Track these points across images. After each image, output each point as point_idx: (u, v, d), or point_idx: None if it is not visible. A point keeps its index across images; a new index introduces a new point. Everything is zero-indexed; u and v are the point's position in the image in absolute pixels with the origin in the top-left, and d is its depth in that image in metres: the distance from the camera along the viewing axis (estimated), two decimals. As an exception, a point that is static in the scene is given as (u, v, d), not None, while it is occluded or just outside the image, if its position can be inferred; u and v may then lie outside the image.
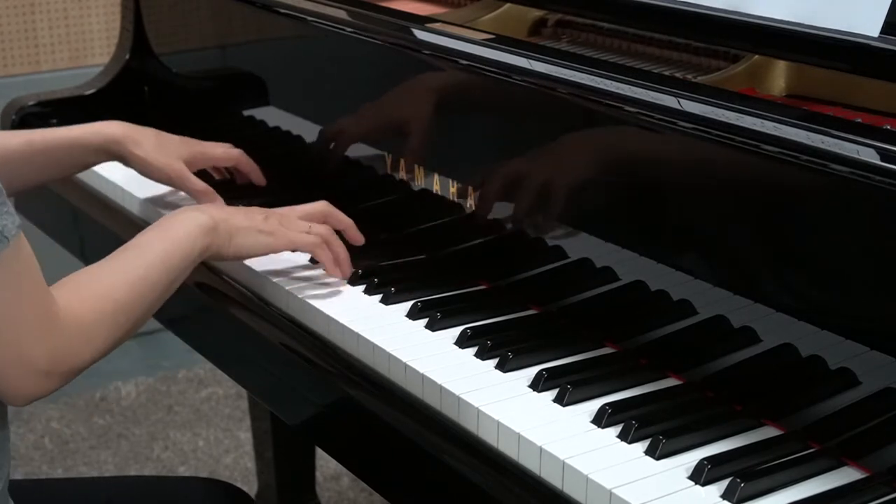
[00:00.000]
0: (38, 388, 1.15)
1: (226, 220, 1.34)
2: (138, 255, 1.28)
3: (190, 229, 1.31)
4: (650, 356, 1.22)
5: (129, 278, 1.24)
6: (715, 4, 1.29)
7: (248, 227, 1.36)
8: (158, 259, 1.27)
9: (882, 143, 1.03)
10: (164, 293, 1.28)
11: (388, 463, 1.23)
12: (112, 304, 1.22)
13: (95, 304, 1.20)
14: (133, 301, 1.24)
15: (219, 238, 1.33)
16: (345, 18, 1.60)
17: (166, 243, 1.29)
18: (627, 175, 1.27)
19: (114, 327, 1.22)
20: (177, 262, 1.29)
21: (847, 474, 1.04)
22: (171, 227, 1.32)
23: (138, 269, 1.26)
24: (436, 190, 1.47)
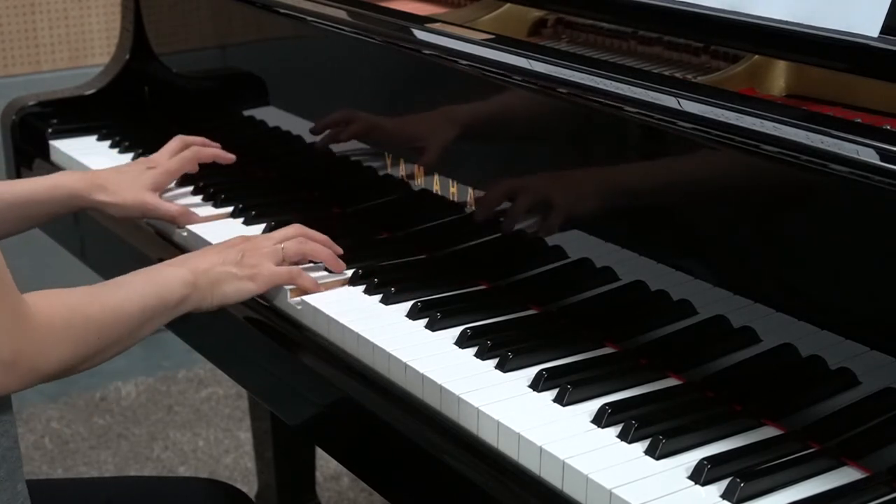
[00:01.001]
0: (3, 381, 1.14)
1: (206, 274, 1.36)
2: (117, 286, 1.31)
3: (170, 280, 1.34)
4: (650, 356, 1.22)
5: (104, 301, 1.26)
6: (715, 4, 1.29)
7: (226, 278, 1.37)
8: (137, 295, 1.29)
9: (882, 143, 1.04)
10: (137, 328, 1.29)
11: (388, 463, 1.23)
12: (83, 318, 1.22)
13: (66, 313, 1.21)
14: (105, 322, 1.25)
15: (199, 292, 1.35)
16: (345, 18, 1.60)
17: (147, 285, 1.32)
18: (627, 175, 1.27)
19: (82, 340, 1.22)
20: (153, 303, 1.30)
21: (847, 474, 1.04)
22: (154, 272, 1.35)
23: (115, 296, 1.28)
24: (436, 190, 1.47)
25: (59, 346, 1.19)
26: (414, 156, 1.50)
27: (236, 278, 1.38)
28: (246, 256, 1.39)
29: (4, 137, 2.06)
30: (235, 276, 1.38)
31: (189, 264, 1.37)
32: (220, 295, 1.37)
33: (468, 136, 1.44)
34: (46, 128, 2.00)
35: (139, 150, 1.89)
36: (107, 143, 1.96)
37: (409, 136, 1.52)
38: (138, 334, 1.30)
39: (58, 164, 1.95)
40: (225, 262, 1.38)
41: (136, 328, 1.29)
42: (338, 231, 1.48)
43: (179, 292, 1.33)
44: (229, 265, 1.38)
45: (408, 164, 1.51)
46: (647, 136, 1.22)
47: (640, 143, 1.24)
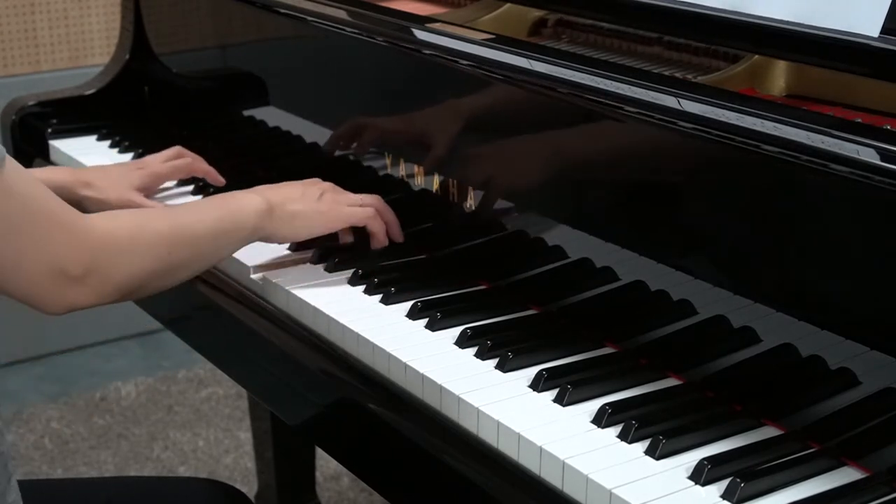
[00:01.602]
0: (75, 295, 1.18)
1: (282, 206, 1.38)
2: (191, 211, 1.34)
3: (245, 208, 1.35)
4: (650, 356, 1.22)
5: (174, 219, 1.29)
6: (715, 4, 1.29)
7: (303, 211, 1.40)
8: (210, 219, 1.32)
9: (882, 143, 1.04)
10: (208, 252, 1.31)
11: (388, 463, 1.23)
12: (152, 232, 1.25)
13: (132, 227, 1.23)
14: (176, 239, 1.27)
15: (273, 223, 1.37)
16: (345, 18, 1.60)
17: (221, 210, 1.34)
18: (627, 175, 1.27)
19: (152, 254, 1.24)
20: (226, 228, 1.32)
21: (847, 474, 1.04)
22: (229, 198, 1.38)
23: (187, 218, 1.31)
24: (436, 190, 1.47)
25: (127, 259, 1.21)
26: (418, 156, 1.50)
27: (313, 212, 1.40)
28: (326, 195, 1.42)
29: (4, 137, 2.06)
30: (313, 209, 1.40)
31: (266, 194, 1.38)
32: (293, 228, 1.39)
33: (469, 136, 1.44)
34: (46, 128, 2.00)
35: (139, 150, 1.89)
36: (107, 143, 1.96)
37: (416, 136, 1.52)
38: (210, 257, 1.33)
39: (58, 164, 1.95)
40: (304, 197, 1.40)
41: (208, 250, 1.31)
42: (338, 231, 1.48)
43: (253, 221, 1.35)
44: (308, 199, 1.40)
45: (408, 164, 1.51)
46: (647, 136, 1.22)
47: (640, 142, 1.24)
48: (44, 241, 1.15)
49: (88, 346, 3.26)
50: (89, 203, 1.59)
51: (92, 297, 1.19)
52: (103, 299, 1.21)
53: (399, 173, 1.52)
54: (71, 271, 1.17)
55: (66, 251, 1.16)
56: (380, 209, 1.46)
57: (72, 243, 1.17)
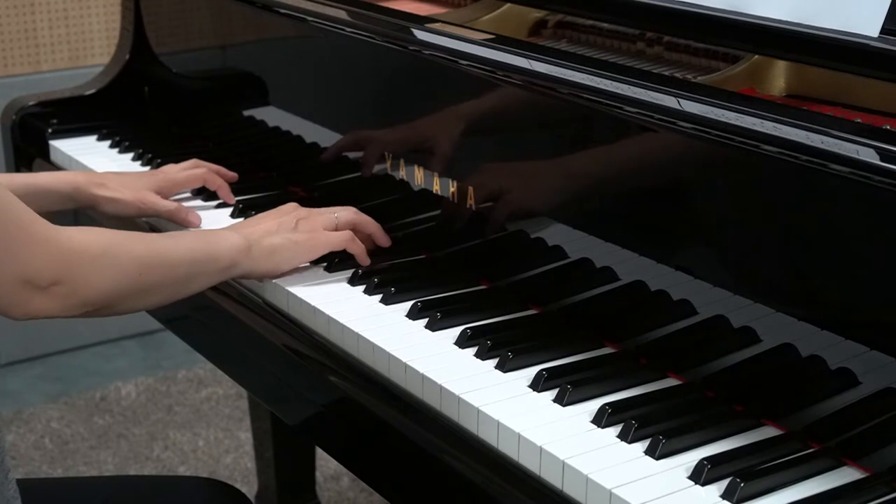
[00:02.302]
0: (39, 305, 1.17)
1: (259, 242, 1.37)
2: (166, 235, 1.34)
3: (222, 244, 1.34)
4: (650, 356, 1.22)
5: (149, 243, 1.29)
6: (715, 4, 1.29)
7: (281, 244, 1.38)
8: (185, 247, 1.31)
9: (882, 143, 1.04)
10: (181, 280, 1.30)
11: (388, 463, 1.23)
12: (125, 251, 1.24)
13: (105, 244, 1.23)
14: (150, 262, 1.26)
15: (251, 259, 1.36)
16: (345, 18, 1.60)
17: (198, 241, 1.34)
18: (627, 175, 1.27)
19: (123, 273, 1.24)
20: (202, 259, 1.32)
21: (847, 474, 1.04)
22: (207, 232, 1.39)
23: (162, 241, 1.31)
24: (436, 190, 1.47)
25: (97, 273, 1.21)
26: (418, 156, 1.50)
27: (292, 244, 1.39)
28: (301, 223, 1.41)
29: (4, 137, 2.06)
30: (291, 241, 1.39)
31: (243, 231, 1.38)
32: (274, 263, 1.38)
33: (469, 137, 1.44)
34: (46, 128, 2.00)
35: (139, 150, 1.89)
36: (107, 143, 1.96)
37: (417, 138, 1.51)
38: (183, 285, 1.31)
39: (58, 164, 1.95)
40: (280, 229, 1.40)
41: (181, 278, 1.30)
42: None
43: (230, 256, 1.34)
44: (284, 230, 1.39)
45: (408, 164, 1.51)
46: (646, 136, 1.22)
47: (639, 143, 1.24)
48: (11, 251, 1.14)
49: (88, 346, 3.26)
50: (104, 202, 1.59)
51: (56, 309, 1.19)
52: (68, 312, 1.20)
53: (399, 173, 1.52)
54: (38, 281, 1.16)
55: (34, 261, 1.16)
56: (358, 223, 1.44)
57: (41, 253, 1.16)
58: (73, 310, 1.20)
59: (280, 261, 1.39)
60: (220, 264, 1.34)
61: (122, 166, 1.85)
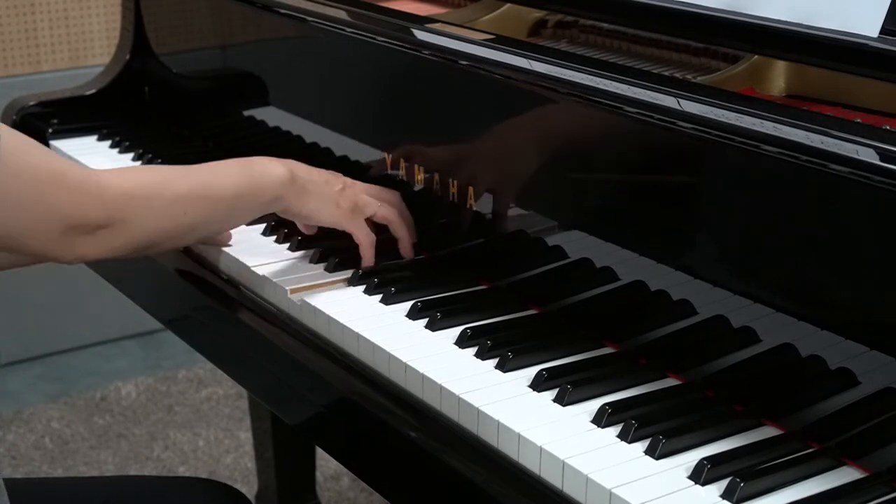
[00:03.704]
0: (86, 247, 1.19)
1: (303, 178, 1.36)
2: (211, 171, 1.31)
3: (268, 174, 1.34)
4: (650, 356, 1.22)
5: (193, 180, 1.28)
6: (715, 4, 1.29)
7: (322, 194, 1.38)
8: (230, 182, 1.30)
9: (882, 143, 1.04)
10: (226, 216, 1.32)
11: (388, 463, 1.23)
12: (170, 191, 1.24)
13: (149, 184, 1.23)
14: (193, 200, 1.27)
15: (292, 193, 1.35)
16: (345, 18, 1.60)
17: (243, 174, 1.32)
18: (627, 175, 1.27)
19: (167, 211, 1.24)
20: (246, 195, 1.31)
21: (847, 474, 1.04)
22: (251, 164, 1.35)
23: (206, 178, 1.29)
24: (436, 190, 1.47)
25: (142, 216, 1.22)
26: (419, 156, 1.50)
27: (330, 199, 1.38)
28: (346, 191, 1.40)
29: (4, 137, 2.06)
30: (330, 197, 1.38)
31: (290, 166, 1.37)
32: (309, 208, 1.38)
33: (470, 136, 1.44)
34: (46, 128, 2.00)
35: (139, 150, 1.89)
36: (107, 143, 1.96)
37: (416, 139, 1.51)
38: (228, 220, 1.33)
39: (58, 164, 1.95)
40: (327, 182, 1.39)
41: (225, 214, 1.31)
42: (337, 231, 1.48)
43: (274, 190, 1.33)
44: (329, 186, 1.39)
45: (408, 164, 1.51)
46: (646, 136, 1.22)
47: (639, 143, 1.24)
48: (56, 203, 1.16)
49: (88, 346, 3.26)
50: None
51: (104, 251, 1.20)
52: (116, 253, 1.21)
53: (399, 173, 1.52)
54: (85, 226, 1.18)
55: (78, 208, 1.17)
56: (393, 224, 1.44)
57: (84, 202, 1.17)
58: (118, 252, 1.22)
59: (314, 207, 1.38)
60: (265, 197, 1.33)
61: (123, 166, 1.85)
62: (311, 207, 1.38)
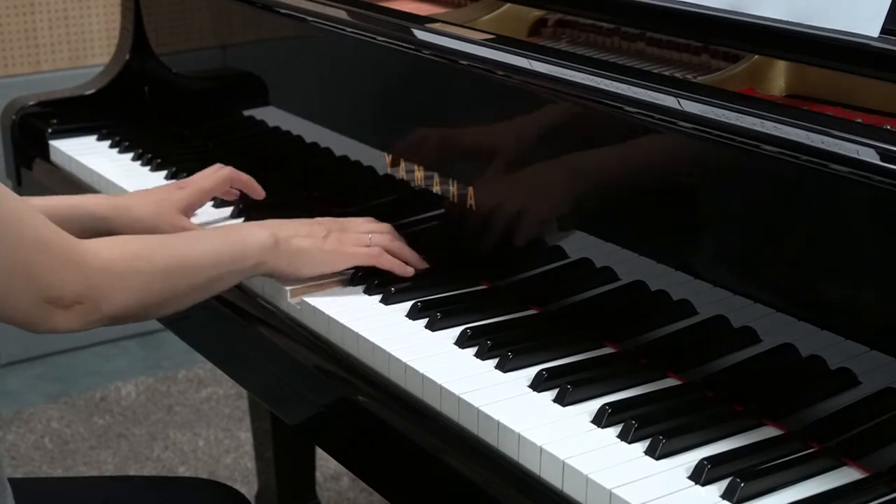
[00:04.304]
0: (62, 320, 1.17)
1: (287, 241, 1.35)
2: (191, 240, 1.31)
3: (249, 241, 1.33)
4: (650, 356, 1.22)
5: (174, 251, 1.27)
6: (715, 4, 1.29)
7: (308, 249, 1.36)
8: (211, 250, 1.29)
9: (882, 143, 1.03)
10: (207, 285, 1.29)
11: (388, 463, 1.23)
12: (150, 264, 1.23)
13: (130, 257, 1.22)
14: (173, 271, 1.25)
15: (277, 258, 1.34)
16: (345, 18, 1.60)
17: (222, 242, 1.32)
18: (627, 175, 1.27)
19: (147, 285, 1.23)
20: (226, 263, 1.30)
21: (847, 474, 1.04)
22: (232, 232, 1.35)
23: (186, 248, 1.28)
24: (436, 190, 1.47)
25: (120, 287, 1.20)
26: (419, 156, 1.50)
27: (318, 251, 1.37)
28: (332, 235, 1.39)
29: (4, 137, 2.06)
30: (318, 248, 1.37)
31: (272, 228, 1.35)
32: (297, 266, 1.36)
33: (470, 137, 1.44)
34: (46, 128, 2.00)
35: (139, 150, 1.89)
36: (107, 142, 1.96)
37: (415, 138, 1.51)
38: (208, 290, 1.30)
39: (58, 164, 1.95)
40: (310, 234, 1.37)
41: (206, 283, 1.29)
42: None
43: (256, 256, 1.32)
44: (314, 237, 1.37)
45: (407, 164, 1.51)
46: (647, 136, 1.22)
47: (639, 142, 1.24)
48: (33, 271, 1.14)
49: (88, 346, 3.26)
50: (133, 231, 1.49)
51: (79, 325, 1.19)
52: (90, 326, 1.20)
53: (399, 173, 1.52)
54: (62, 299, 1.16)
55: (59, 281, 1.15)
56: (392, 249, 1.41)
57: (64, 273, 1.16)
58: (95, 324, 1.20)
59: (302, 265, 1.36)
60: (246, 263, 1.32)
61: (122, 166, 1.85)
62: (300, 265, 1.36)
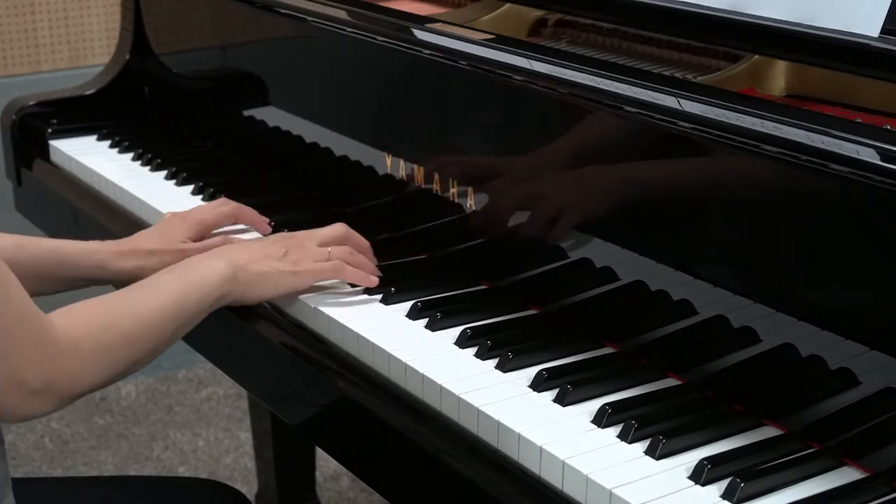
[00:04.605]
0: (31, 407, 1.14)
1: (245, 269, 1.32)
2: (152, 293, 1.27)
3: (208, 276, 1.30)
4: (650, 356, 1.22)
5: (138, 312, 1.23)
6: (715, 4, 1.29)
7: (268, 272, 1.34)
8: (171, 299, 1.26)
9: (882, 143, 1.03)
10: (173, 335, 1.27)
11: (388, 463, 1.23)
12: (116, 335, 1.21)
13: (96, 332, 1.19)
14: (139, 335, 1.23)
15: (238, 286, 1.32)
16: (345, 18, 1.60)
17: (182, 286, 1.28)
18: (627, 175, 1.27)
19: (114, 358, 1.21)
20: (190, 306, 1.28)
21: (847, 474, 1.04)
22: (189, 270, 1.31)
23: (149, 304, 1.25)
24: (436, 190, 1.47)
25: (89, 368, 1.18)
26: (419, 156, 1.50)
27: (278, 273, 1.34)
28: (290, 252, 1.36)
29: (4, 137, 2.06)
30: (277, 270, 1.34)
31: (228, 256, 1.33)
32: (260, 290, 1.34)
33: (470, 136, 1.44)
34: (46, 128, 2.00)
35: (139, 150, 1.89)
36: (107, 142, 1.96)
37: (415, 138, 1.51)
38: (174, 337, 1.28)
39: (58, 164, 1.95)
40: (267, 256, 1.34)
41: (171, 333, 1.27)
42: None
43: (217, 290, 1.30)
44: (271, 259, 1.34)
45: (408, 164, 1.51)
46: (646, 136, 1.22)
47: (639, 143, 1.24)
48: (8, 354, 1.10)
49: (88, 346, 3.25)
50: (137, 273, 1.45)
51: (50, 409, 1.15)
52: (59, 408, 1.17)
53: (399, 173, 1.52)
54: (31, 384, 1.12)
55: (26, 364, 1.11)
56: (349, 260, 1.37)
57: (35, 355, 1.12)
58: (64, 405, 1.17)
59: (264, 289, 1.34)
60: (209, 301, 1.29)
61: (122, 166, 1.85)
62: (262, 290, 1.34)
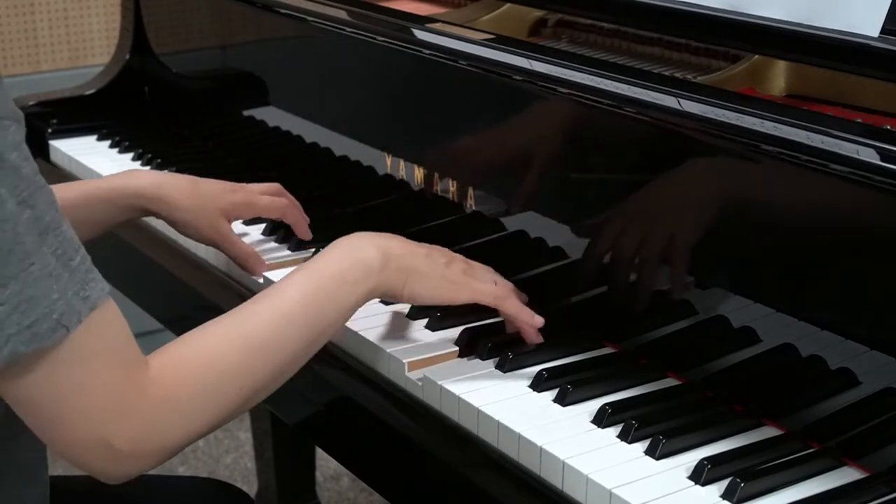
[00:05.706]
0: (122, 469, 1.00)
1: (399, 259, 1.16)
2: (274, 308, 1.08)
3: (356, 269, 1.13)
4: (650, 356, 1.22)
5: (248, 342, 1.05)
6: (715, 4, 1.29)
7: (427, 273, 1.18)
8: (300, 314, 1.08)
9: (882, 143, 1.04)
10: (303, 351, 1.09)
11: (388, 463, 1.23)
12: (217, 374, 1.03)
13: (195, 377, 1.02)
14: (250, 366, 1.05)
15: (390, 279, 1.15)
16: (345, 18, 1.60)
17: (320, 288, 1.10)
18: (628, 175, 1.27)
19: (217, 400, 1.03)
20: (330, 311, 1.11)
21: (847, 474, 1.04)
22: (325, 263, 1.13)
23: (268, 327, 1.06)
24: (436, 190, 1.47)
25: (187, 421, 1.01)
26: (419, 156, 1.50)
27: (438, 277, 1.18)
28: (453, 265, 1.21)
29: (4, 137, 2.06)
30: (437, 276, 1.18)
31: (379, 242, 1.16)
32: (412, 290, 1.18)
33: (470, 136, 1.44)
34: (46, 128, 2.00)
35: (139, 150, 1.89)
36: (107, 142, 1.96)
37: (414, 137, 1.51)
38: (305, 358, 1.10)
39: (58, 164, 1.95)
40: (428, 256, 1.19)
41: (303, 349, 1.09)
42: (338, 231, 1.48)
43: (364, 285, 1.12)
44: (433, 261, 1.19)
45: (408, 164, 1.51)
46: (646, 136, 1.22)
47: (639, 143, 1.24)
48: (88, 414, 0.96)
49: (88, 346, 3.25)
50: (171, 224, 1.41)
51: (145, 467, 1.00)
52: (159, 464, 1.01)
53: (399, 173, 1.52)
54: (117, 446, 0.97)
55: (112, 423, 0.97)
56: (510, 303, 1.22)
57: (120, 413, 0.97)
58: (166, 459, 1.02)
59: (419, 292, 1.18)
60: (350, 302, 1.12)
61: (123, 166, 1.85)
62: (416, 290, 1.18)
